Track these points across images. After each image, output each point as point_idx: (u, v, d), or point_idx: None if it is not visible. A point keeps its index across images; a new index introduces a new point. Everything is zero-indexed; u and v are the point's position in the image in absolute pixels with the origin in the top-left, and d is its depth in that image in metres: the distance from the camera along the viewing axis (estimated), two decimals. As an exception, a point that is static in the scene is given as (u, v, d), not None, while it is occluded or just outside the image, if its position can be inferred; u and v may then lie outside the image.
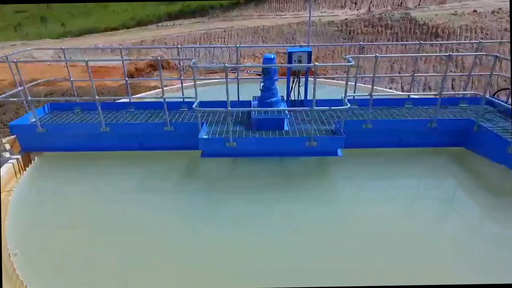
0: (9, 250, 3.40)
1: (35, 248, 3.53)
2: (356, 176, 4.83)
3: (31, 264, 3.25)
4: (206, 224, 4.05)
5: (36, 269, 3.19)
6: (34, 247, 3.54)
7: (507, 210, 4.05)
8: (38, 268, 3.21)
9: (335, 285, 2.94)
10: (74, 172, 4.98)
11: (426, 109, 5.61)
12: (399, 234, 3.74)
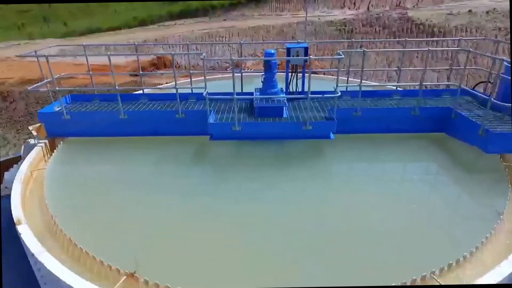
0: (52, 213, 4.04)
1: (72, 212, 4.16)
2: (347, 157, 5.48)
3: (70, 224, 3.88)
4: (214, 198, 4.67)
5: (74, 227, 3.82)
6: (70, 212, 4.17)
7: (479, 184, 4.68)
8: (76, 227, 3.84)
9: (329, 249, 3.56)
10: (96, 154, 5.63)
11: (411, 100, 6.25)
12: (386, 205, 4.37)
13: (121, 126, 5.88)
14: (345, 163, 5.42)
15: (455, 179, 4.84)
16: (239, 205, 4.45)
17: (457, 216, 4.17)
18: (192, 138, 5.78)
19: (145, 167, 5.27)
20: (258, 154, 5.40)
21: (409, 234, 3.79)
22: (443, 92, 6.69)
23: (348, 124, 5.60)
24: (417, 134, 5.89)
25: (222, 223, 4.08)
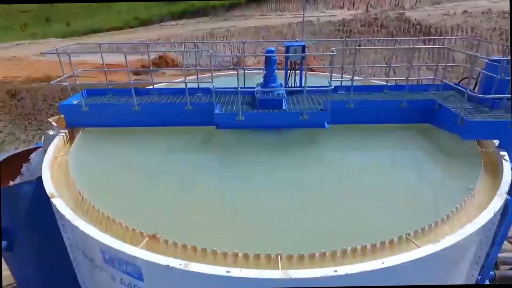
0: (79, 189, 4.63)
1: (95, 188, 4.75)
2: (340, 144, 6.07)
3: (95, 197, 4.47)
4: (220, 180, 5.29)
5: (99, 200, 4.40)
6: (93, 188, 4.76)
7: (456, 166, 5.28)
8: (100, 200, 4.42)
9: (323, 221, 4.16)
10: (112, 142, 6.22)
11: (400, 93, 6.84)
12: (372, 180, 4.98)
13: (134, 117, 6.47)
14: (338, 148, 6.01)
15: (436, 162, 5.43)
16: (241, 185, 5.05)
17: (433, 191, 4.77)
18: (199, 128, 6.37)
19: (158, 152, 5.88)
20: (260, 141, 5.99)
21: (390, 204, 4.40)
22: (430, 86, 7.28)
23: (341, 115, 6.19)
24: (404, 124, 6.48)
25: (229, 194, 4.70)
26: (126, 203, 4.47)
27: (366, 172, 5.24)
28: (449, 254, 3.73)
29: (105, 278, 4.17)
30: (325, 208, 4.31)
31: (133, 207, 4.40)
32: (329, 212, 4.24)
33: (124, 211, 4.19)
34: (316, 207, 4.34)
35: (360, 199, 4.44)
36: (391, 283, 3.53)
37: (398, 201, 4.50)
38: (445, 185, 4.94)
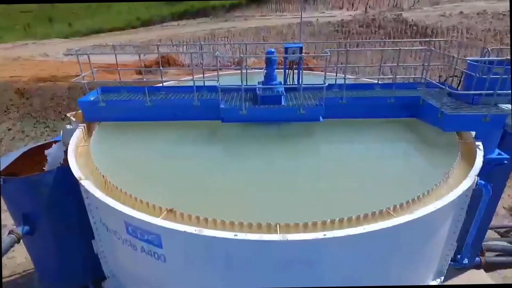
0: (102, 173, 5.30)
1: (116, 173, 5.41)
2: (333, 136, 6.74)
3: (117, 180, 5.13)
4: (226, 165, 5.97)
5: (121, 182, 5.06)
6: (114, 172, 5.42)
7: (436, 154, 5.96)
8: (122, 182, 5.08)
9: (314, 186, 4.85)
10: (127, 134, 6.90)
11: (388, 91, 7.51)
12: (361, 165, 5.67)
13: (146, 112, 7.14)
14: (331, 140, 6.68)
15: (418, 150, 6.12)
16: (244, 170, 5.74)
17: (413, 174, 5.46)
18: (206, 122, 7.04)
19: (169, 142, 6.56)
20: (261, 133, 6.66)
21: (374, 184, 5.08)
22: (418, 84, 7.96)
23: (335, 110, 6.86)
24: (392, 119, 7.16)
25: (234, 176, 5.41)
26: (144, 184, 5.14)
27: (355, 159, 5.93)
28: (421, 225, 4.41)
29: (127, 249, 4.85)
30: (317, 187, 5.00)
31: (150, 187, 5.07)
32: (321, 190, 4.93)
33: (143, 191, 4.85)
34: (310, 186, 5.03)
35: (348, 180, 5.14)
36: (371, 247, 4.21)
37: (381, 182, 5.18)
38: (424, 170, 5.62)
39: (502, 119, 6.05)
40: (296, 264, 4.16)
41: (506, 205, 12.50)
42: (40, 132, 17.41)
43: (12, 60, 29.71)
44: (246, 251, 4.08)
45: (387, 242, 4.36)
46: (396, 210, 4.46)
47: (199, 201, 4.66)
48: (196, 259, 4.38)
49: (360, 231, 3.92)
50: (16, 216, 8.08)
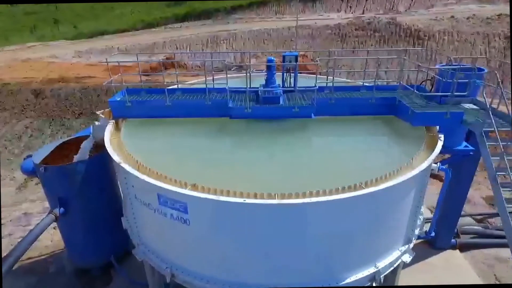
0: (136, 159, 6.68)
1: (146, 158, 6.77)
2: (323, 130, 8.12)
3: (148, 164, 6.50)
4: (234, 153, 7.35)
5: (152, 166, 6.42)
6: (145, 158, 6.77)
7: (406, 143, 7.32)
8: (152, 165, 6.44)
9: (306, 168, 6.22)
10: (150, 128, 8.28)
11: (371, 92, 8.88)
12: (344, 155, 7.04)
13: (166, 111, 8.50)
14: (321, 133, 8.06)
15: (392, 141, 7.52)
16: (248, 158, 7.11)
17: (387, 158, 6.84)
18: (216, 119, 8.41)
19: (186, 134, 7.95)
20: (262, 128, 8.05)
21: (353, 165, 6.47)
22: (395, 87, 9.33)
23: (325, 109, 8.24)
24: (374, 116, 8.53)
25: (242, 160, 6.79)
26: (169, 166, 6.48)
27: (340, 147, 7.34)
28: (386, 196, 5.80)
29: (158, 217, 6.23)
30: (308, 168, 6.39)
31: (175, 168, 6.42)
32: (311, 170, 6.32)
33: (170, 171, 6.21)
34: (302, 166, 6.41)
35: (333, 163, 6.53)
36: (348, 211, 5.59)
37: (360, 165, 6.57)
38: (394, 155, 6.99)
39: (460, 116, 7.43)
40: (290, 224, 5.55)
41: (484, 195, 13.87)
42: (56, 130, 18.78)
43: (22, 62, 31.08)
44: (251, 213, 5.47)
45: (361, 208, 5.74)
46: (367, 184, 5.82)
47: (215, 178, 6.01)
48: (214, 220, 5.77)
49: (337, 197, 5.31)
50: (52, 199, 9.48)
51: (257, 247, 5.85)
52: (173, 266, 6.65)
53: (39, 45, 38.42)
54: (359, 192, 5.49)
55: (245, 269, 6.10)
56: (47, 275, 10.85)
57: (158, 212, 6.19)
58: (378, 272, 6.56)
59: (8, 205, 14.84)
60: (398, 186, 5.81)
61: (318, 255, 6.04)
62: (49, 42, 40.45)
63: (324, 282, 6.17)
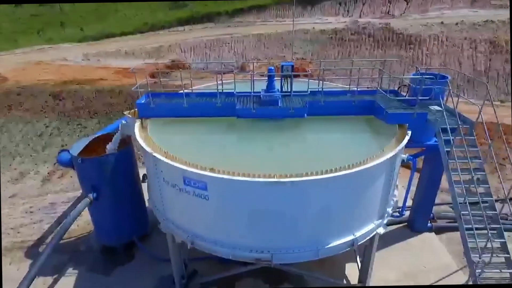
0: (164, 149, 8.45)
1: (172, 149, 8.53)
2: (314, 127, 9.88)
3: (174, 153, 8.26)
4: (242, 144, 9.14)
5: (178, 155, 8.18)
6: (171, 149, 8.53)
7: (380, 137, 9.09)
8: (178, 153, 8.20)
9: (299, 157, 8.01)
10: (171, 125, 10.05)
11: (354, 96, 10.65)
12: (330, 146, 8.83)
13: (183, 111, 10.27)
14: (313, 129, 9.82)
15: (370, 135, 9.30)
16: (252, 149, 8.90)
17: (362, 149, 8.60)
18: (226, 118, 10.19)
19: (201, 131, 9.72)
20: (264, 125, 9.83)
21: (337, 154, 8.24)
22: (375, 92, 11.09)
23: (316, 110, 10.01)
24: (357, 116, 10.30)
25: (248, 150, 8.57)
26: (191, 154, 8.22)
27: (327, 140, 9.13)
28: (360, 178, 7.57)
29: (183, 195, 8.00)
30: (301, 155, 8.17)
31: (195, 156, 8.16)
32: (304, 157, 8.10)
33: (192, 158, 7.97)
34: (297, 155, 8.21)
35: (320, 152, 8.33)
36: (331, 188, 7.37)
37: (341, 153, 8.35)
38: (369, 146, 8.75)
39: (425, 116, 9.23)
40: (286, 197, 7.34)
41: (461, 186, 15.63)
42: (73, 129, 20.55)
43: (34, 64, 32.87)
44: (256, 189, 7.24)
45: (340, 187, 7.52)
46: (344, 169, 7.59)
47: (227, 163, 7.77)
48: (228, 195, 7.55)
49: (323, 177, 7.09)
50: (86, 186, 11.28)
51: (261, 216, 7.65)
52: (193, 235, 8.45)
53: (47, 48, 40.14)
54: (339, 173, 7.27)
55: (250, 234, 7.90)
56: (77, 253, 12.62)
57: (183, 191, 7.96)
58: (356, 240, 8.34)
59: (35, 195, 16.63)
60: (370, 170, 7.59)
61: (308, 224, 7.83)
62: (57, 45, 42.20)
63: (313, 246, 7.97)
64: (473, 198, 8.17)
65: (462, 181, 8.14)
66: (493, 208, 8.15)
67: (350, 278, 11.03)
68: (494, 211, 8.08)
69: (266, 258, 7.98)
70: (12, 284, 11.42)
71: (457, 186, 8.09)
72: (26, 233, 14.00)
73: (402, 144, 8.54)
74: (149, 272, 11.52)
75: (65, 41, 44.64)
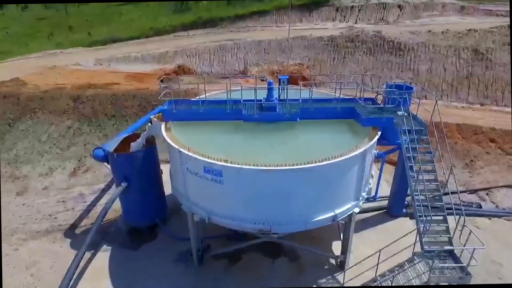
0: (187, 146, 11.03)
1: (193, 145, 11.10)
2: (305, 128, 12.46)
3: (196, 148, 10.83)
4: (247, 141, 11.75)
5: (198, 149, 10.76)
6: (192, 144, 11.10)
7: (357, 137, 11.67)
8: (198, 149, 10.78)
9: (294, 151, 10.62)
10: (190, 127, 12.65)
11: (338, 103, 13.23)
12: (316, 143, 11.43)
13: (200, 115, 12.88)
14: (304, 129, 12.39)
15: (349, 135, 11.90)
16: (257, 141, 11.51)
17: (341, 146, 11.16)
18: (234, 122, 12.76)
19: (215, 131, 12.32)
20: (265, 126, 12.41)
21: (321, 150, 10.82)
22: (359, 99, 13.68)
23: (306, 114, 12.62)
24: (340, 119, 12.88)
25: (253, 145, 11.16)
26: (208, 149, 10.79)
27: (315, 138, 11.76)
28: (337, 167, 10.16)
29: (203, 181, 10.59)
30: (294, 150, 10.79)
31: (211, 150, 10.73)
32: (296, 151, 10.71)
33: (209, 152, 10.54)
34: (291, 149, 10.83)
35: (309, 147, 10.94)
36: (315, 175, 9.96)
37: (327, 148, 10.92)
38: (347, 143, 11.32)
39: (392, 120, 11.82)
40: (281, 182, 9.93)
41: (435, 179, 18.22)
42: (93, 130, 23.13)
43: (48, 69, 35.44)
44: (259, 175, 9.83)
45: (323, 174, 10.11)
46: (327, 160, 10.17)
47: (236, 156, 10.34)
48: (237, 180, 10.13)
49: (307, 166, 9.68)
50: (119, 177, 13.86)
51: (263, 196, 10.24)
52: (210, 212, 11.05)
53: (59, 52, 42.70)
54: (322, 163, 9.85)
55: (255, 210, 10.50)
56: (108, 234, 15.21)
57: (203, 178, 10.55)
58: (336, 216, 10.94)
59: (64, 188, 19.24)
60: (346, 161, 10.19)
61: (298, 202, 10.42)
62: (67, 50, 44.76)
63: (302, 219, 10.57)
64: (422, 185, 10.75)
65: (415, 170, 10.72)
66: (437, 191, 10.73)
67: (335, 251, 13.62)
68: (438, 192, 10.66)
69: (266, 228, 10.59)
70: (57, 257, 14.12)
71: (412, 173, 10.69)
72: (62, 218, 16.60)
73: (372, 142, 11.14)
74: (170, 248, 14.12)
75: (73, 45, 47.17)
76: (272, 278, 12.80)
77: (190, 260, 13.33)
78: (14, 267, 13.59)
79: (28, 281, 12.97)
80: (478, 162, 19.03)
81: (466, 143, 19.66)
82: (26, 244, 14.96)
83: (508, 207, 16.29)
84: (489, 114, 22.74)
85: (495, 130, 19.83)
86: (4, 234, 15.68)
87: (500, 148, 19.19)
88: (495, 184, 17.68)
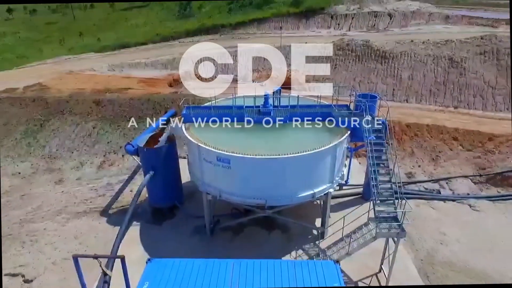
0: (204, 141, 14.97)
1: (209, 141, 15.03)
2: (294, 129, 16.41)
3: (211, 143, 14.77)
4: (249, 138, 15.72)
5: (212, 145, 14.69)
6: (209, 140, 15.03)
7: (334, 135, 15.62)
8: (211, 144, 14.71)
9: (287, 145, 14.61)
10: (204, 128, 16.61)
11: (319, 108, 17.16)
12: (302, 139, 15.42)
13: (211, 118, 16.86)
14: (293, 129, 16.35)
15: (327, 133, 15.86)
16: (256, 138, 15.48)
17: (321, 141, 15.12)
18: (238, 123, 16.71)
19: (224, 130, 16.29)
20: (262, 127, 16.37)
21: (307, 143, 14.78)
22: (338, 106, 17.62)
23: (295, 117, 16.58)
24: (321, 122, 16.84)
25: (253, 141, 15.12)
26: (219, 143, 14.72)
27: (301, 135, 15.74)
28: (315, 157, 14.11)
29: (216, 168, 14.55)
30: (285, 145, 14.76)
31: (222, 144, 14.66)
32: (285, 145, 14.68)
33: (220, 145, 14.48)
34: (282, 145, 14.81)
35: (298, 142, 14.92)
36: (299, 163, 13.92)
37: (309, 143, 14.84)
38: (325, 139, 15.25)
39: (358, 122, 15.78)
40: (274, 168, 13.90)
41: (404, 172, 22.18)
42: (114, 130, 27.09)
43: (66, 74, 39.44)
44: (257, 163, 13.78)
45: (304, 162, 14.07)
46: (308, 151, 14.11)
47: (241, 148, 14.27)
48: (241, 166, 14.07)
49: (295, 155, 13.64)
50: (147, 166, 17.83)
51: (260, 178, 14.19)
52: (220, 190, 15.01)
53: (73, 58, 46.69)
54: (303, 154, 13.80)
55: (253, 189, 14.45)
56: (136, 214, 19.16)
57: (216, 165, 14.51)
58: (314, 194, 14.91)
59: (94, 179, 23.22)
60: (321, 152, 14.15)
61: (286, 183, 14.37)
62: (79, 55, 48.77)
63: (289, 195, 14.53)
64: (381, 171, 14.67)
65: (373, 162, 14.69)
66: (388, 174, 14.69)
67: (317, 224, 17.59)
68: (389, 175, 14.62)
69: (262, 202, 14.55)
70: (98, 230, 18.13)
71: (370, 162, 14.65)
72: (96, 202, 20.57)
73: (342, 139, 15.12)
74: (187, 224, 18.09)
75: (84, 50, 51.23)
76: (268, 246, 16.74)
77: (203, 232, 17.29)
78: (65, 238, 17.56)
79: (78, 247, 16.93)
80: (442, 157, 23.00)
81: (433, 141, 23.64)
82: (71, 222, 18.93)
83: (461, 193, 20.26)
84: (457, 116, 26.73)
85: (458, 130, 23.79)
86: (49, 214, 19.67)
87: (461, 145, 23.14)
88: (454, 175, 21.64)
